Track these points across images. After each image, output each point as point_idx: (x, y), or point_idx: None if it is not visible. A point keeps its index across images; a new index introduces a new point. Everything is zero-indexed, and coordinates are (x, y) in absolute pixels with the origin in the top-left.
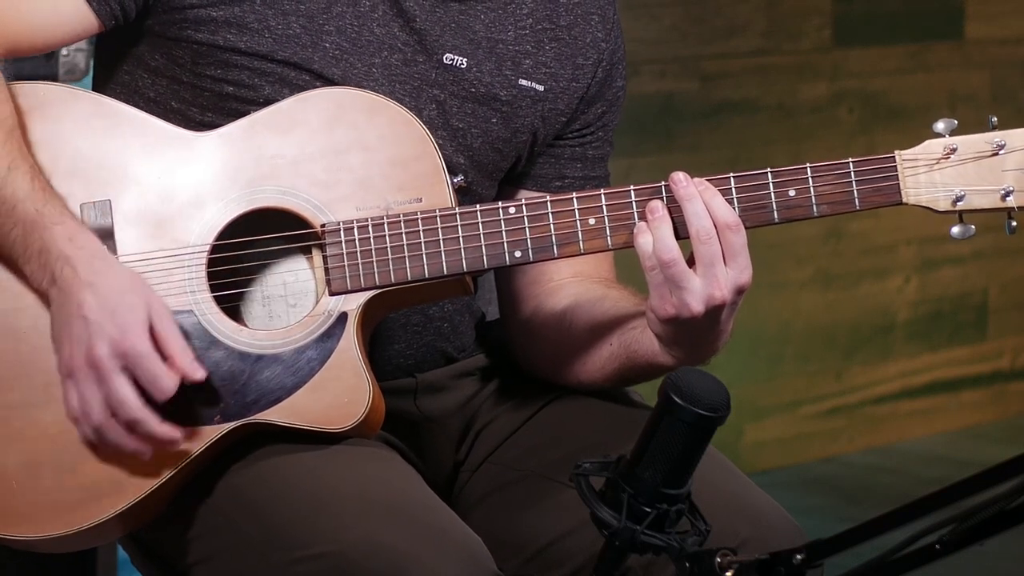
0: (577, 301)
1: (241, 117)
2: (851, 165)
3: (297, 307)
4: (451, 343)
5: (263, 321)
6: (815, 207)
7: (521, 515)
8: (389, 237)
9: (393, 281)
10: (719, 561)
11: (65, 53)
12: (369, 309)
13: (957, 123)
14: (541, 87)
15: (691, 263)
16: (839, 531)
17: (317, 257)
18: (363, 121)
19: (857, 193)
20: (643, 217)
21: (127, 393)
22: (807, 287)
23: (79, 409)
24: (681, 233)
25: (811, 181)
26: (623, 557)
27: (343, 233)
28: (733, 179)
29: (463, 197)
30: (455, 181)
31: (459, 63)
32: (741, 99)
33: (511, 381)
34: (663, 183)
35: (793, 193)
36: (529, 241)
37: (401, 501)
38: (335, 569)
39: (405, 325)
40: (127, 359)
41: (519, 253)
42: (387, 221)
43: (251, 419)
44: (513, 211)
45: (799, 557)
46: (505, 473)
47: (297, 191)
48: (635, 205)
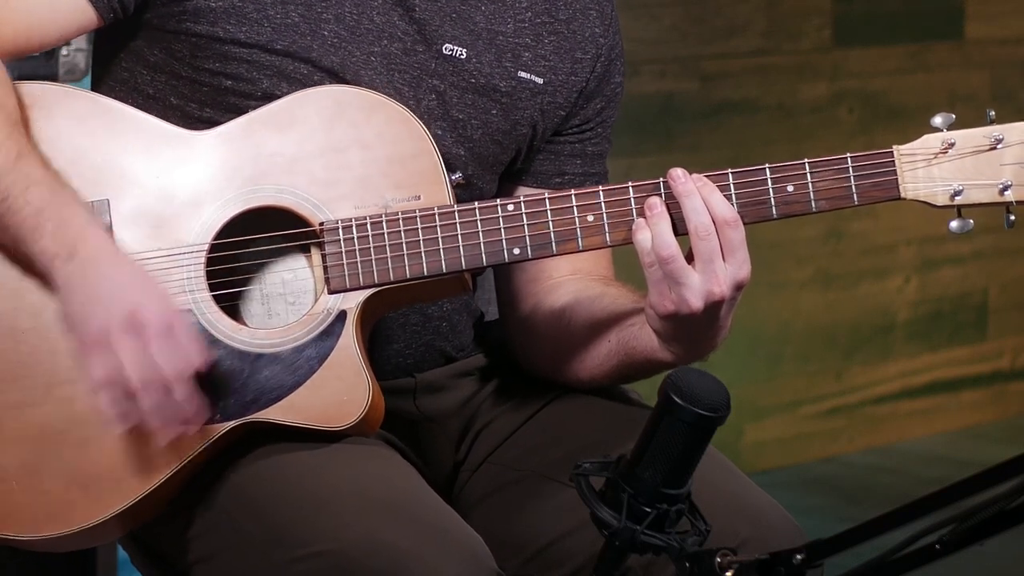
0: (576, 298)
1: (240, 112)
2: (849, 160)
3: (296, 305)
4: (450, 343)
5: (262, 320)
6: (813, 202)
7: (521, 515)
8: (388, 235)
9: (392, 279)
10: (719, 561)
11: (65, 53)
12: (368, 307)
13: (955, 117)
14: (540, 80)
15: (690, 259)
16: (839, 531)
17: (316, 255)
18: (361, 119)
19: (855, 188)
20: (642, 214)
21: (167, 356)
22: (807, 287)
23: (111, 375)
24: (680, 229)
25: (809, 176)
26: (623, 557)
27: (342, 231)
28: (731, 175)
29: (463, 191)
30: (453, 179)
31: (459, 53)
32: (741, 99)
33: (510, 381)
34: (661, 179)
35: (791, 189)
36: (528, 239)
37: (402, 499)
38: (336, 567)
39: (404, 325)
40: (170, 322)
41: (518, 251)
42: (386, 219)
43: (251, 418)
44: (512, 208)
45: (799, 557)
46: (505, 473)
47: (296, 189)
48: (633, 202)
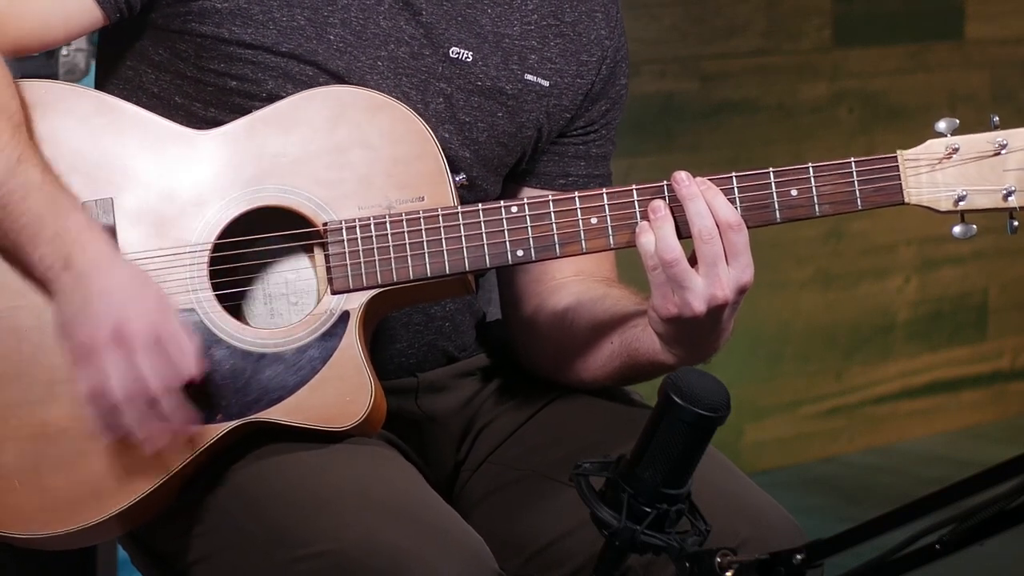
0: (579, 300)
1: (244, 112)
2: (853, 165)
3: (299, 305)
4: (452, 342)
5: (265, 319)
6: (817, 207)
7: (521, 515)
8: (391, 236)
9: (395, 280)
10: (719, 561)
11: (65, 53)
12: (371, 308)
13: (959, 122)
14: (546, 82)
15: (693, 262)
16: (839, 531)
17: (319, 256)
18: (365, 119)
19: (859, 193)
20: (645, 216)
21: (151, 370)
22: (807, 287)
23: (97, 388)
24: (683, 232)
25: (813, 181)
26: (623, 557)
27: (345, 232)
28: (735, 178)
29: (467, 193)
30: (457, 180)
31: (465, 56)
32: (741, 99)
33: (512, 381)
34: (665, 182)
35: (795, 193)
36: (531, 240)
37: (403, 500)
38: (336, 567)
39: (406, 324)
40: (156, 335)
41: (521, 252)
42: (389, 220)
43: (252, 418)
44: (515, 210)
45: (799, 557)
46: (506, 473)
47: (299, 189)
48: (637, 204)
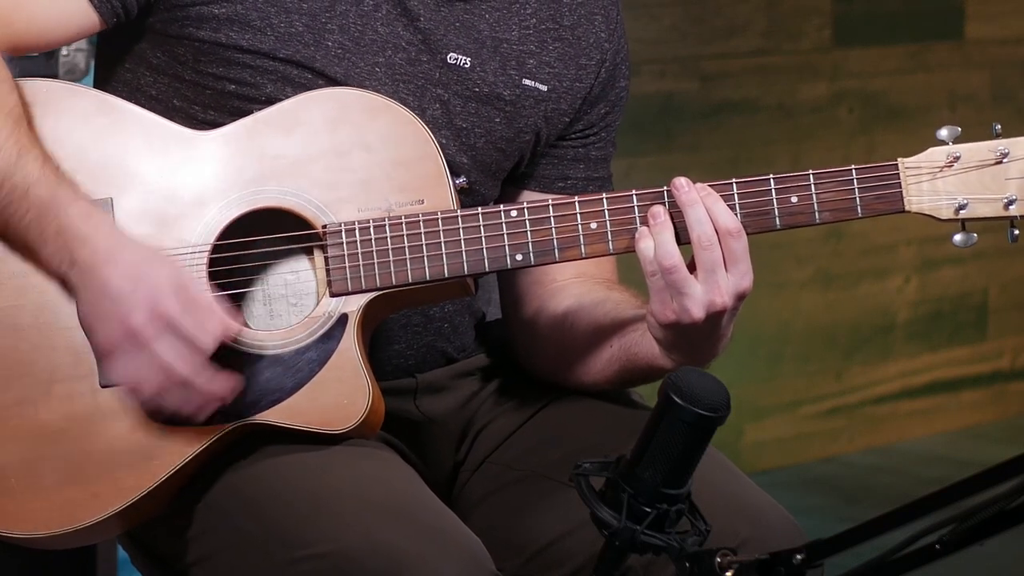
0: (579, 303)
1: (243, 115)
2: (854, 172)
3: (298, 307)
4: (451, 343)
5: (264, 321)
6: (817, 214)
7: (521, 515)
8: (390, 239)
9: (394, 283)
10: (719, 561)
11: (65, 53)
12: (370, 310)
13: (960, 130)
14: (545, 87)
15: (692, 269)
16: (839, 531)
17: (319, 258)
18: (365, 122)
19: (859, 201)
20: (645, 222)
21: (173, 355)
22: (807, 287)
23: (131, 383)
24: (682, 238)
25: (814, 188)
26: (623, 557)
27: (344, 234)
28: (735, 185)
29: (465, 197)
30: (457, 182)
31: (463, 63)
32: (741, 99)
33: (511, 381)
34: (665, 188)
35: (795, 200)
36: (531, 244)
37: (401, 501)
38: (335, 568)
39: (405, 325)
40: (165, 320)
41: (520, 256)
42: (388, 223)
43: (251, 419)
44: (515, 214)
45: (799, 557)
46: (505, 473)
47: (299, 191)
48: (637, 210)
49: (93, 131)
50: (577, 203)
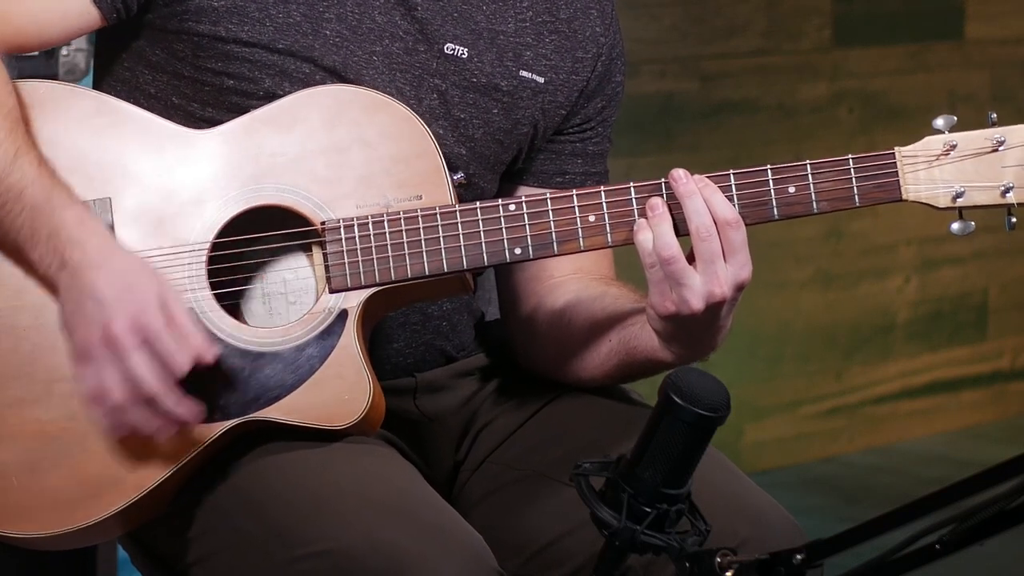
0: (577, 298)
1: (242, 111)
2: (851, 161)
3: (297, 304)
4: (450, 342)
5: (263, 318)
6: (815, 203)
7: (521, 515)
8: (389, 235)
9: (393, 279)
10: (719, 561)
11: (65, 53)
12: (369, 307)
13: (956, 119)
14: (541, 79)
15: (691, 260)
16: (839, 531)
17: (317, 254)
18: (364, 118)
19: (857, 189)
20: (643, 214)
21: (145, 370)
22: (807, 287)
23: (97, 390)
24: (681, 230)
25: (811, 178)
26: (623, 557)
27: (343, 231)
28: (733, 176)
29: (464, 191)
30: (455, 178)
31: (460, 53)
32: (741, 99)
33: (511, 380)
34: (663, 180)
35: (793, 190)
36: (529, 238)
37: (402, 499)
38: (336, 567)
39: (404, 324)
40: (144, 334)
41: (519, 250)
42: (387, 219)
43: (251, 417)
44: (513, 208)
45: (799, 557)
46: (505, 472)
47: (297, 188)
48: (635, 202)
49: (92, 131)
50: (575, 196)
